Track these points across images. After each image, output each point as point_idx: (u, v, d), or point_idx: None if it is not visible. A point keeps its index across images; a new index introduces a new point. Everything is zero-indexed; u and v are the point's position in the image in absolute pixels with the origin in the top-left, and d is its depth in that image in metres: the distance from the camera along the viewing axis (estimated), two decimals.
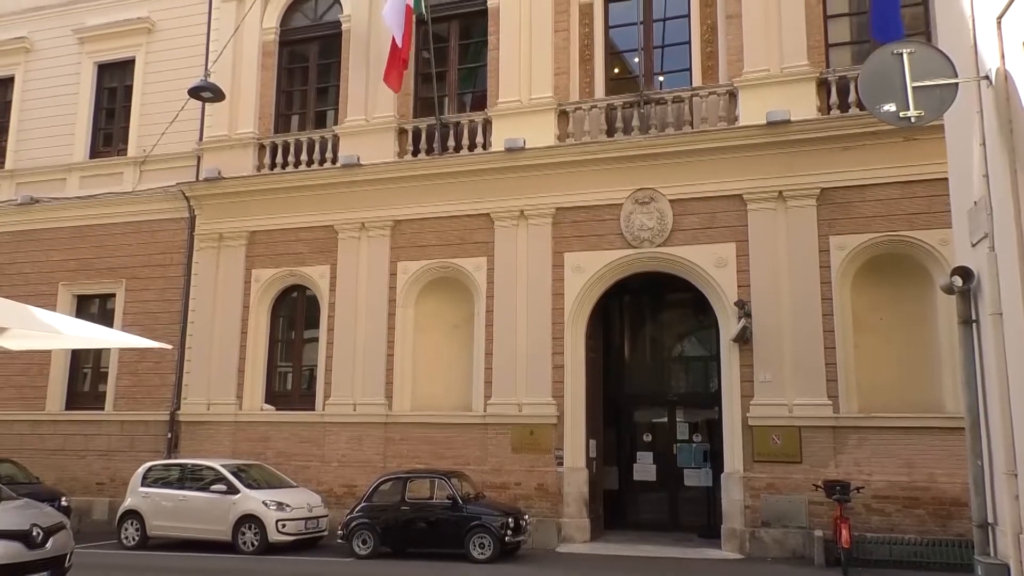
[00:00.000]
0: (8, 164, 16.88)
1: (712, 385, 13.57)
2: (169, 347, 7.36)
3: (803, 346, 11.54)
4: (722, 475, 11.98)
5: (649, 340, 15.12)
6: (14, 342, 6.14)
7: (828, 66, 12.28)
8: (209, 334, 14.59)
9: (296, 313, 14.88)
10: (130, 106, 16.25)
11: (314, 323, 14.43)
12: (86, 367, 15.89)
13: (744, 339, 11.70)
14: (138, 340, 6.49)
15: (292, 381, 14.70)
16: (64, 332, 5.48)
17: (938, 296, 10.55)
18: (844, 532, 9.98)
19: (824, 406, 11.32)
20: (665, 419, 14.28)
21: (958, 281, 5.69)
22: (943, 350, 10.98)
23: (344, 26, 14.96)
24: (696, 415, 14.04)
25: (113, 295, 15.60)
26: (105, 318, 15.52)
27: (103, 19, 16.60)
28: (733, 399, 11.86)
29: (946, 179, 6.90)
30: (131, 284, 15.37)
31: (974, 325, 5.66)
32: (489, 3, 14.13)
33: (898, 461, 10.95)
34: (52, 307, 15.29)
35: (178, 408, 14.57)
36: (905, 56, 5.30)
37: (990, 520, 5.37)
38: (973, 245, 5.69)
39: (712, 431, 13.37)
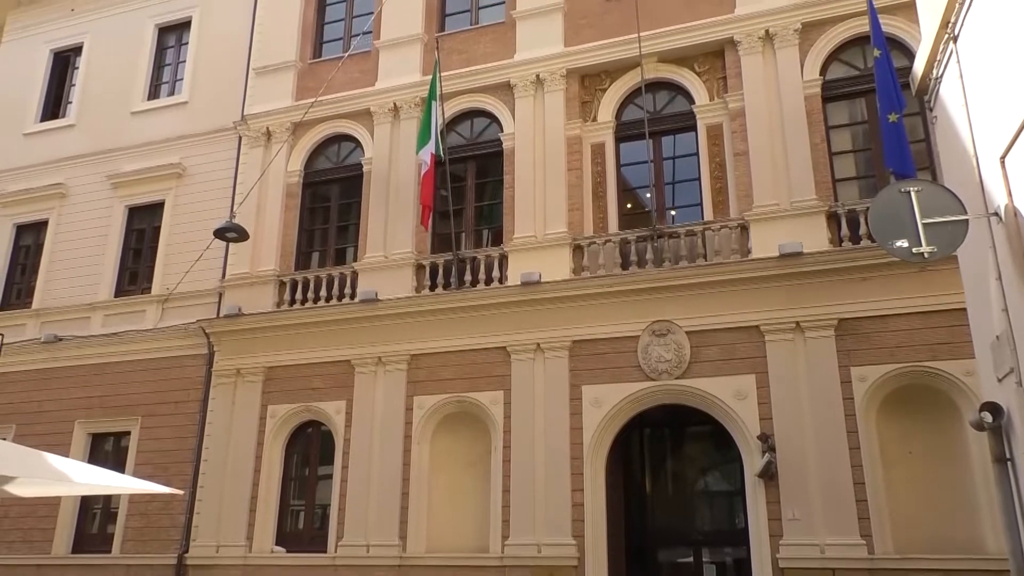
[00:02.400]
0: (35, 303, 17.24)
1: (738, 522, 13.04)
2: (180, 492, 7.22)
3: (831, 481, 11.13)
4: None
5: (671, 475, 14.69)
6: (23, 488, 6.05)
7: (836, 200, 12.50)
8: (222, 472, 14.34)
9: (310, 449, 14.67)
10: (156, 246, 16.71)
11: (328, 459, 14.18)
12: (96, 507, 15.56)
13: (769, 474, 11.34)
14: (148, 485, 6.37)
15: (304, 520, 14.29)
16: (74, 479, 5.40)
17: (968, 428, 10.24)
18: None
19: (858, 546, 10.78)
20: (691, 559, 13.64)
21: (988, 417, 5.54)
22: (978, 485, 10.56)
23: (365, 168, 15.57)
24: (723, 555, 13.42)
25: (128, 433, 15.48)
26: (118, 456, 15.38)
27: (137, 165, 17.38)
28: (761, 539, 11.34)
29: (965, 309, 6.87)
30: (146, 422, 15.29)
31: (1009, 464, 5.46)
32: (504, 144, 14.72)
33: None
34: (67, 445, 15.25)
35: (186, 551, 14.11)
36: (913, 194, 5.40)
37: None
38: (1000, 380, 5.57)
39: (741, 572, 12.72)
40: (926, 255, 5.30)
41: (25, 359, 16.56)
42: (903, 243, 5.36)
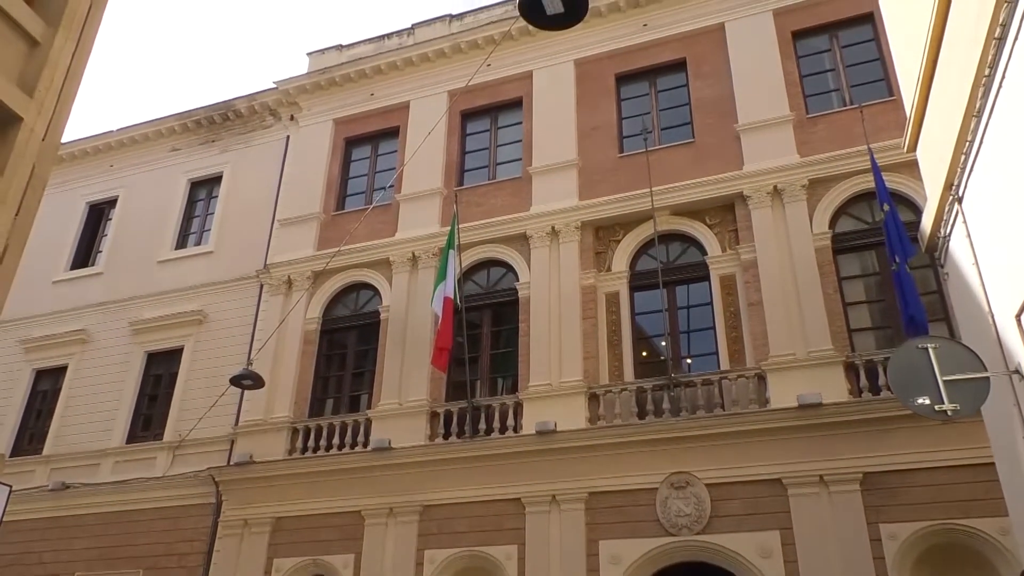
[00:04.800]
0: (46, 450, 17.09)
1: None
2: None
3: None
4: None
5: None
6: None
7: (853, 350, 12.45)
8: None
9: None
10: (172, 392, 16.73)
11: None
12: None
13: None
14: None
15: None
16: None
17: None
18: None
19: None
20: None
21: None
22: None
23: (382, 315, 15.77)
24: None
25: None
26: None
27: (160, 312, 17.72)
28: None
29: (994, 463, 6.67)
30: (147, 575, 14.73)
31: None
32: (520, 293, 14.94)
33: None
34: None
35: None
36: (931, 351, 5.38)
37: None
38: None
39: None
40: (949, 412, 5.22)
41: (30, 507, 16.11)
42: (924, 400, 5.30)
